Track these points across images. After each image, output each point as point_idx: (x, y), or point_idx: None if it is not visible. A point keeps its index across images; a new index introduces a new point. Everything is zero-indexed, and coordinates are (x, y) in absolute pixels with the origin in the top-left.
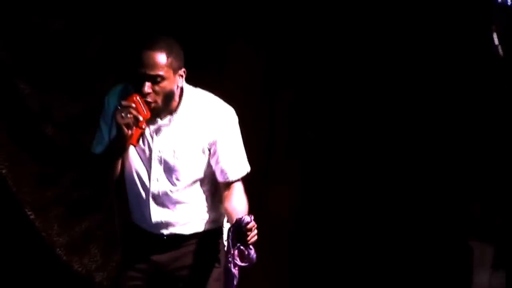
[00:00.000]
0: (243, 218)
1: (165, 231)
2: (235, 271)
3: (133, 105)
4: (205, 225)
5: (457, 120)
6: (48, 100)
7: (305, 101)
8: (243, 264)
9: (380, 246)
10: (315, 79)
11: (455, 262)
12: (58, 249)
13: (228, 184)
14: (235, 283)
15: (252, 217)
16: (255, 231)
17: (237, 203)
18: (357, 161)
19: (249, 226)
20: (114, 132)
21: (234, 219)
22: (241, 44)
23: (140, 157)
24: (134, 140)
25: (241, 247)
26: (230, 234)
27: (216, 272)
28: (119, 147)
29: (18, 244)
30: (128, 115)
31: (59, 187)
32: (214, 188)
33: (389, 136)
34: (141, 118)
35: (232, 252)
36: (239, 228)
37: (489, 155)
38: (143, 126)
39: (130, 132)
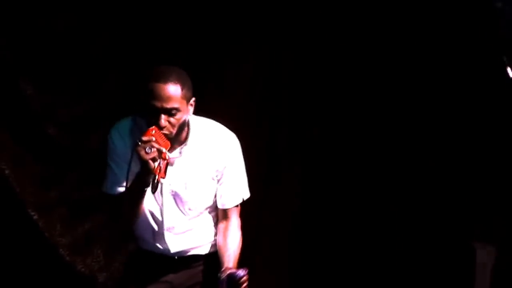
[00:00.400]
0: (237, 273)
1: (180, 255)
2: None
3: (153, 138)
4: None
5: (459, 120)
6: (51, 101)
7: (306, 104)
8: None
9: (383, 247)
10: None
11: (457, 263)
12: (61, 250)
13: (225, 213)
14: None
15: (246, 272)
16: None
17: (231, 241)
18: (358, 162)
19: (242, 281)
20: (135, 169)
21: (225, 261)
22: (241, 49)
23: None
24: (163, 173)
25: None
26: (221, 285)
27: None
28: (145, 182)
29: (21, 244)
30: (152, 149)
31: (62, 188)
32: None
33: (390, 137)
34: (164, 150)
35: None
36: (232, 282)
37: (491, 155)
38: (167, 157)
39: (156, 165)
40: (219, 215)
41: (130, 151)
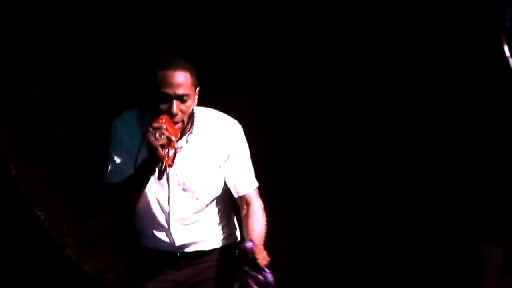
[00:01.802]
0: (244, 246)
1: (185, 250)
2: None
3: (164, 126)
4: (222, 241)
5: (467, 120)
6: (58, 101)
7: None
8: None
9: (389, 249)
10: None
11: (464, 264)
12: (67, 250)
13: (244, 200)
14: None
15: (253, 241)
16: (263, 253)
17: (254, 224)
18: (363, 162)
19: (253, 251)
20: (142, 155)
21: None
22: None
23: (156, 183)
24: (170, 161)
25: (255, 274)
26: (240, 265)
27: (233, 286)
28: (151, 169)
29: (28, 244)
30: (162, 136)
31: (69, 188)
32: (228, 203)
33: (397, 137)
34: (173, 138)
35: (247, 281)
36: (245, 257)
37: (500, 154)
38: (176, 146)
39: (165, 153)
40: (239, 204)
41: (135, 141)
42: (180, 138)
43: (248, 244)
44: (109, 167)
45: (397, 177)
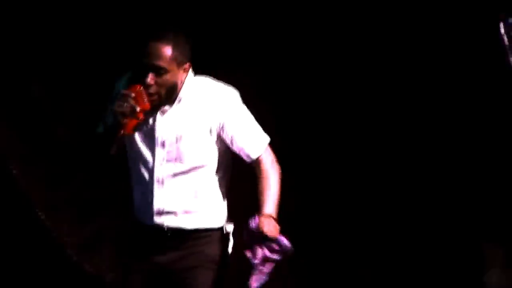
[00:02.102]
0: (249, 226)
1: (166, 221)
2: (266, 268)
3: (133, 95)
4: (208, 220)
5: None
6: (59, 101)
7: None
8: (275, 257)
9: (390, 249)
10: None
11: (466, 263)
12: (68, 250)
13: (255, 163)
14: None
15: (256, 218)
16: (271, 223)
17: (264, 184)
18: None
19: (259, 227)
20: (110, 118)
21: (260, 205)
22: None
23: (144, 142)
24: (128, 129)
25: (269, 245)
26: (250, 244)
27: (215, 275)
28: (113, 133)
29: (29, 244)
30: (126, 104)
31: (70, 188)
32: (221, 179)
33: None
34: (137, 109)
35: (258, 253)
36: (254, 235)
37: (501, 154)
38: (140, 117)
39: (124, 121)
40: (254, 169)
41: None
42: (160, 108)
43: (252, 223)
44: (102, 118)
45: (397, 177)
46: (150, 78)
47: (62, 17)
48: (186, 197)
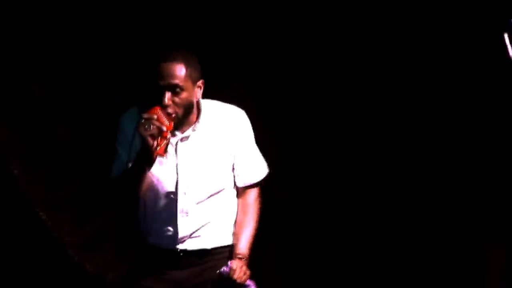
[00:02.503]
0: (222, 271)
1: (188, 246)
2: None
3: (155, 116)
4: (225, 239)
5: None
6: (59, 101)
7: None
8: None
9: (392, 250)
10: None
11: (467, 264)
12: (69, 250)
13: (244, 191)
14: None
15: (231, 264)
16: (242, 269)
17: (244, 220)
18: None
19: (230, 274)
20: (137, 147)
21: (236, 240)
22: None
23: (164, 171)
24: (161, 150)
25: None
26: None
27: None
28: (145, 159)
29: (30, 244)
30: (152, 127)
31: (71, 188)
32: (232, 199)
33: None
34: (164, 128)
35: None
36: (226, 281)
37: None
38: (168, 136)
39: (155, 143)
40: (239, 194)
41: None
42: (184, 130)
43: (224, 270)
44: (115, 162)
45: (399, 178)
46: (167, 99)
47: (62, 17)
48: (209, 221)
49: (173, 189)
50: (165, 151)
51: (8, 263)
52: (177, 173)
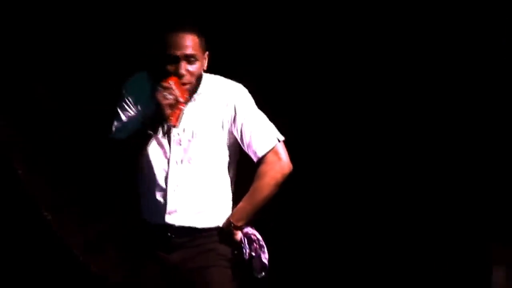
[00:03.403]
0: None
1: (177, 221)
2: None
3: (173, 86)
4: (218, 219)
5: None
6: (64, 100)
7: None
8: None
9: (397, 251)
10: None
11: (473, 262)
12: (73, 250)
13: (258, 164)
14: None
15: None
16: (225, 239)
17: (251, 189)
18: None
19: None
20: (147, 113)
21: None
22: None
23: (157, 142)
24: (175, 120)
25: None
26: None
27: (230, 274)
28: (155, 127)
29: (34, 244)
30: (171, 96)
31: (75, 188)
32: (230, 178)
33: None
34: (181, 100)
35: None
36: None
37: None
38: (183, 107)
39: (170, 112)
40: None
41: (143, 100)
42: (188, 99)
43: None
44: (115, 124)
45: (404, 179)
46: (183, 69)
47: (64, 17)
48: (199, 197)
49: (165, 159)
50: (178, 121)
51: (12, 263)
52: (169, 143)
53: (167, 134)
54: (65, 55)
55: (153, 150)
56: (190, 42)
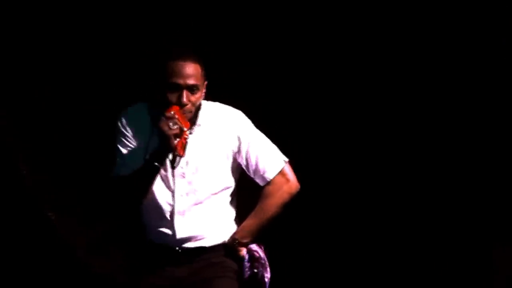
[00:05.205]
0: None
1: (186, 245)
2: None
3: (176, 116)
4: (224, 236)
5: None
6: (66, 100)
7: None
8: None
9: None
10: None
11: (476, 265)
12: (78, 250)
13: (267, 184)
14: None
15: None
16: (230, 254)
17: (257, 208)
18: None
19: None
20: (153, 145)
21: (244, 223)
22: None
23: (160, 175)
24: (181, 150)
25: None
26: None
27: (235, 284)
28: (162, 159)
29: (39, 245)
30: (175, 126)
31: (79, 188)
32: (233, 198)
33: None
34: (185, 128)
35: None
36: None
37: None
38: (186, 137)
39: (176, 142)
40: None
41: (144, 133)
42: (191, 128)
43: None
44: (118, 160)
45: (405, 180)
46: (186, 97)
47: (64, 17)
48: (206, 222)
49: (169, 192)
50: (184, 151)
51: (16, 263)
52: (174, 176)
53: (172, 165)
54: (66, 55)
55: (157, 183)
56: (193, 71)
